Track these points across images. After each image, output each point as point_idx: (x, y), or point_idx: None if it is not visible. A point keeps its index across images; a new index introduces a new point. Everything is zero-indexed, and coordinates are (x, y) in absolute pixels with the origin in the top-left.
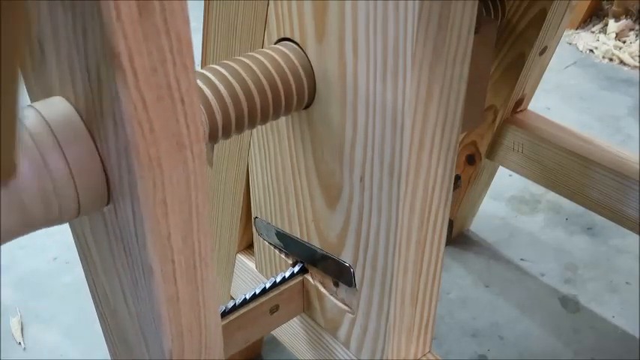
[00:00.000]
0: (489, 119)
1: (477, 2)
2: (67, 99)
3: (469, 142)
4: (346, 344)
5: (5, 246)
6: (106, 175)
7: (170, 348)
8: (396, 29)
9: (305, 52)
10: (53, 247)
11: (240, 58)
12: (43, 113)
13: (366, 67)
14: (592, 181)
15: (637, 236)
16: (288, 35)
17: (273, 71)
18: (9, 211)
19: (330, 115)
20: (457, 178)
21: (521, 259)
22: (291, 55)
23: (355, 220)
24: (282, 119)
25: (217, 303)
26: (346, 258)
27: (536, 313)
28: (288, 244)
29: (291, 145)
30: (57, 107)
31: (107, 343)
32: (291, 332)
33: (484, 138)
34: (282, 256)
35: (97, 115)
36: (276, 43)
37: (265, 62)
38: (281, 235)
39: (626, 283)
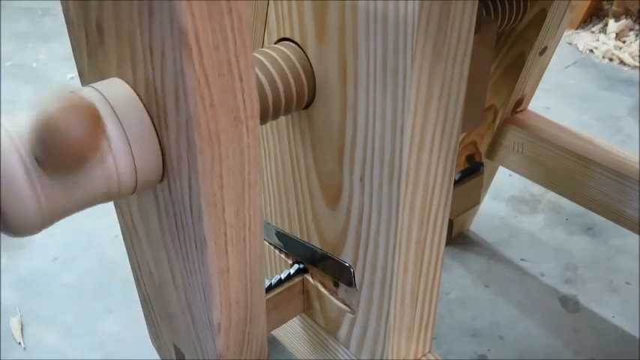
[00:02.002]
0: (489, 119)
1: (476, 2)
2: (125, 80)
3: (469, 142)
4: (346, 344)
5: (5, 246)
6: (162, 151)
7: (219, 319)
8: (396, 29)
9: (305, 52)
10: (53, 247)
11: None
12: (101, 91)
13: (366, 67)
14: (592, 181)
15: (637, 236)
16: (288, 35)
17: (273, 71)
18: (74, 188)
19: (330, 115)
20: (480, 165)
21: (521, 259)
22: (291, 55)
23: (355, 220)
24: (282, 119)
25: (263, 278)
26: (346, 258)
27: (536, 313)
28: (288, 244)
29: (291, 145)
30: (115, 86)
31: (147, 325)
32: (291, 332)
33: (484, 138)
34: (282, 256)
35: (158, 92)
36: (276, 43)
37: (265, 62)
38: (281, 235)
39: (626, 283)
